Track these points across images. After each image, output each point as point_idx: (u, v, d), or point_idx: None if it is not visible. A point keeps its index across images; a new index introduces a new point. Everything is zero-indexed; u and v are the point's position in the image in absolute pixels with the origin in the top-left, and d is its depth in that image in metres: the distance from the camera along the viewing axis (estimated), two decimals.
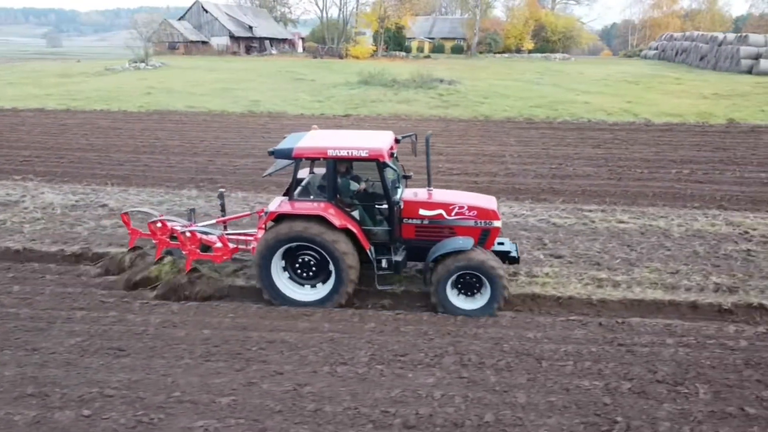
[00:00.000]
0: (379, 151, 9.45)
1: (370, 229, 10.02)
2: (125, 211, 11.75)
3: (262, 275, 9.94)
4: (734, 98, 34.16)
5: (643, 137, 24.19)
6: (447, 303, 9.72)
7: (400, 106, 30.55)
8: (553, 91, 36.99)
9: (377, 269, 9.90)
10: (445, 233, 10.06)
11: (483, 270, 9.50)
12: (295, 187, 10.00)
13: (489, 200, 10.65)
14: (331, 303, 9.91)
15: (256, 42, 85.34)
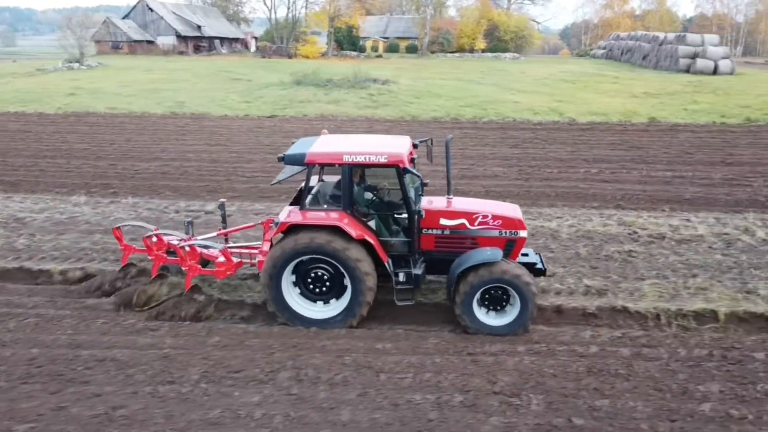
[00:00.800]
0: (399, 157, 8.84)
1: (387, 241, 9.34)
2: (117, 226, 10.91)
3: (271, 291, 9.16)
4: (662, 97, 34.62)
5: (563, 136, 24.20)
6: (474, 320, 9.04)
7: (329, 106, 30.11)
8: (488, 91, 36.98)
9: (396, 283, 9.20)
10: (467, 244, 9.40)
11: (513, 283, 8.83)
12: (306, 196, 9.21)
13: (513, 209, 9.99)
14: (347, 320, 9.21)
15: (206, 41, 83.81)
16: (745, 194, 16.70)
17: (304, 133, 24.14)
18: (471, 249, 9.31)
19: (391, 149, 9.07)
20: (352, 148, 9.08)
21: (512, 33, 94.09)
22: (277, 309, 9.26)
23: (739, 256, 12.27)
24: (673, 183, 17.84)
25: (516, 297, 8.95)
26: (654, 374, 8.12)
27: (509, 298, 9.06)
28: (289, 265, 9.04)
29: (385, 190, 9.89)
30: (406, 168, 8.81)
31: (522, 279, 8.84)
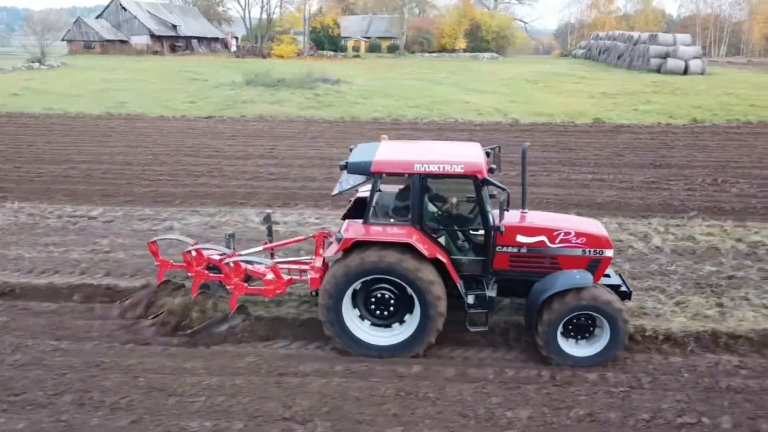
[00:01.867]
0: (477, 167, 7.99)
1: (458, 259, 8.43)
2: (153, 240, 9.89)
3: (331, 316, 8.22)
4: (620, 97, 34.12)
5: (499, 137, 23.50)
6: (557, 350, 8.12)
7: (272, 107, 29.52)
8: (445, 91, 36.42)
9: (468, 307, 8.33)
10: (545, 264, 8.49)
11: (605, 311, 7.93)
12: (370, 209, 8.28)
13: (597, 225, 9.13)
14: (414, 347, 8.29)
15: (182, 41, 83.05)
16: (660, 198, 16.14)
17: (233, 134, 23.64)
18: (550, 269, 8.43)
19: (467, 158, 8.21)
20: (423, 157, 8.20)
21: (494, 33, 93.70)
22: (337, 334, 8.35)
23: (622, 264, 11.66)
24: (591, 186, 17.27)
25: (605, 325, 8.04)
26: (465, 398, 7.49)
27: (595, 325, 8.19)
28: (352, 286, 8.18)
29: (453, 202, 8.85)
30: (485, 179, 7.95)
31: (614, 306, 7.94)
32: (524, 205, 8.89)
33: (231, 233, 10.33)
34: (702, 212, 15.01)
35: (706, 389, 7.71)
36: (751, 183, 17.47)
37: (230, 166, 19.06)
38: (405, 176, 8.24)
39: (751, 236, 13.20)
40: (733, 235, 13.33)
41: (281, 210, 14.98)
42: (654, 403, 7.39)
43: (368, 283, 8.26)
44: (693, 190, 17.00)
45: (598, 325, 8.16)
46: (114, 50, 74.17)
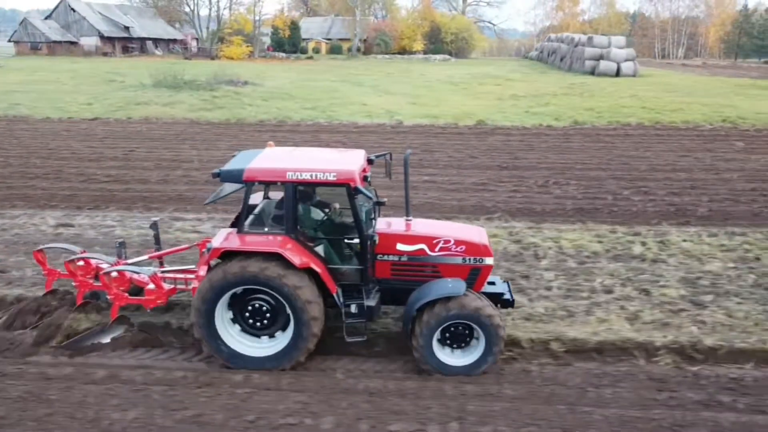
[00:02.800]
0: (349, 174, 7.84)
1: (337, 268, 8.32)
2: (39, 248, 9.65)
3: (202, 325, 8.00)
4: (524, 99, 34.36)
5: (370, 138, 23.74)
6: (432, 359, 8.07)
7: (163, 108, 29.42)
8: (356, 93, 36.48)
9: (346, 316, 8.16)
10: (427, 272, 8.41)
11: (477, 319, 7.90)
12: (245, 217, 8.18)
13: (479, 233, 9.05)
14: (288, 361, 8.11)
15: (136, 42, 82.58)
16: (477, 200, 16.24)
17: (106, 136, 23.53)
18: (432, 278, 8.36)
19: (341, 166, 8.08)
20: (296, 165, 8.08)
21: (452, 35, 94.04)
22: (214, 349, 8.14)
23: None
24: (419, 188, 17.32)
25: (480, 334, 8.01)
26: (87, 400, 7.51)
27: (472, 334, 8.15)
28: (223, 297, 7.95)
29: (337, 210, 8.79)
30: (357, 187, 7.80)
31: (485, 314, 7.89)
32: (408, 212, 8.81)
33: (122, 241, 10.24)
34: (510, 214, 15.17)
35: (331, 391, 7.78)
36: (580, 185, 17.65)
37: (72, 169, 18.98)
38: (278, 184, 8.13)
39: (529, 238, 13.36)
40: (515, 237, 13.48)
41: (91, 212, 15.00)
42: (270, 405, 7.45)
43: (243, 293, 8.08)
44: (517, 191, 17.16)
45: (475, 335, 8.14)
46: (62, 51, 73.63)
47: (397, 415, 7.33)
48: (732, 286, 11.04)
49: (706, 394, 7.83)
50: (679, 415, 7.37)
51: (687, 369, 8.52)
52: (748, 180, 18.09)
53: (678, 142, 23.34)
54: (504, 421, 7.21)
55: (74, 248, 9.83)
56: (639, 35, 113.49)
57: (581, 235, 13.53)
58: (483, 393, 7.79)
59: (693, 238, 13.41)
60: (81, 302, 9.18)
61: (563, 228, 14.20)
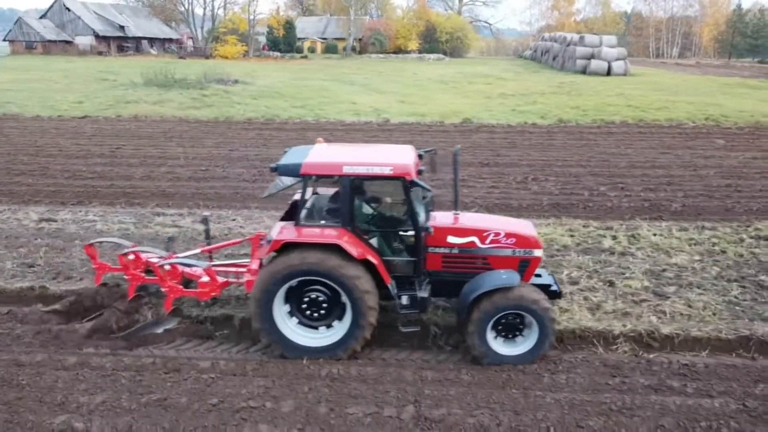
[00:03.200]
0: (405, 168, 8.00)
1: (390, 260, 8.45)
2: (91, 242, 9.85)
3: (262, 316, 8.20)
4: (513, 98, 34.64)
5: (356, 136, 24.01)
6: (487, 350, 8.26)
7: (152, 107, 29.67)
8: (346, 92, 36.74)
9: (400, 307, 8.38)
10: (477, 264, 8.62)
11: (532, 310, 8.09)
12: (301, 211, 8.36)
13: (527, 225, 9.25)
14: (344, 350, 8.31)
15: (131, 42, 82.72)
16: (451, 197, 16.37)
17: (94, 134, 23.77)
18: (482, 269, 8.57)
19: (396, 160, 8.24)
20: (352, 159, 8.29)
21: (447, 35, 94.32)
22: (272, 339, 8.36)
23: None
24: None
25: (533, 324, 8.21)
26: (57, 385, 7.75)
27: (524, 324, 8.34)
28: (282, 288, 8.13)
29: (387, 204, 8.98)
30: (413, 180, 7.97)
31: (540, 305, 8.11)
32: (456, 206, 9.03)
33: (171, 236, 10.46)
34: (487, 209, 15.41)
35: (294, 376, 8.04)
36: (559, 181, 17.92)
37: (59, 165, 19.22)
38: (335, 178, 8.31)
39: None
40: None
41: (74, 208, 15.26)
42: (233, 389, 7.71)
43: (299, 284, 8.24)
44: (496, 187, 17.43)
45: (527, 325, 8.32)
46: (57, 51, 73.77)
47: (356, 398, 7.59)
48: (695, 277, 11.30)
49: (657, 380, 8.10)
50: (628, 398, 7.64)
51: (642, 356, 8.80)
52: (724, 176, 18.37)
53: (660, 139, 23.63)
54: (458, 405, 7.48)
55: (125, 242, 10.18)
56: (634, 34, 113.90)
57: (554, 229, 13.81)
58: (441, 378, 8.05)
59: (663, 233, 13.67)
60: (133, 296, 9.44)
61: (538, 222, 14.39)
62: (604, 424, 7.17)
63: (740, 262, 12.04)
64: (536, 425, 7.15)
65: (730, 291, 10.71)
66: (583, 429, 7.11)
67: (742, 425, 7.19)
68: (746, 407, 7.50)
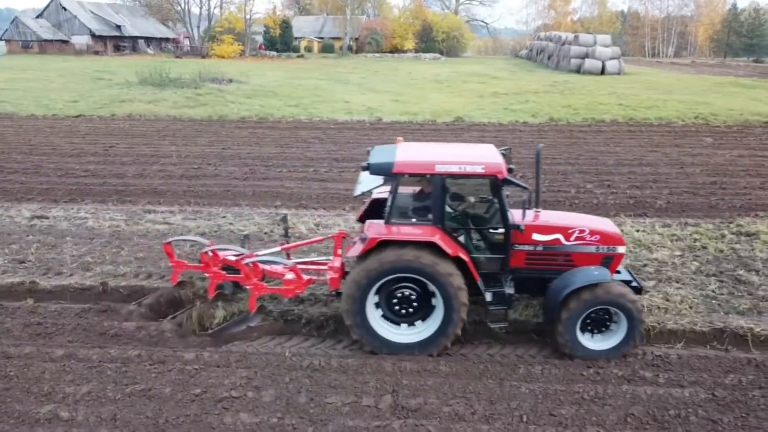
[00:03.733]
0: (497, 167, 8.14)
1: (477, 258, 8.57)
2: (168, 240, 9.89)
3: (355, 312, 8.32)
4: (505, 97, 34.82)
5: (348, 135, 24.22)
6: (576, 344, 8.43)
7: (146, 106, 29.81)
8: (340, 91, 36.91)
9: (488, 304, 8.52)
10: (560, 261, 8.77)
11: (621, 304, 8.25)
12: (391, 209, 8.39)
13: (609, 223, 9.42)
14: (436, 346, 8.47)
15: (128, 41, 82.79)
16: None
17: (88, 133, 23.94)
18: (564, 266, 8.74)
19: (487, 159, 8.36)
20: (444, 158, 8.36)
21: (444, 34, 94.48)
22: (363, 336, 8.48)
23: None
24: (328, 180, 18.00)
25: (622, 319, 8.37)
26: (45, 376, 7.97)
27: (612, 319, 8.50)
28: (374, 287, 8.26)
29: (470, 202, 9.07)
30: (507, 179, 8.12)
31: (632, 301, 8.29)
32: (537, 203, 9.11)
33: (246, 234, 10.59)
34: None
35: (276, 368, 8.24)
36: (546, 179, 17.98)
37: (52, 164, 19.38)
38: (426, 177, 8.38)
39: None
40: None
41: (66, 205, 15.44)
42: (216, 380, 7.91)
43: (390, 282, 8.36)
44: None
45: (615, 320, 8.48)
46: (53, 50, 73.81)
47: (335, 389, 7.81)
48: (675, 272, 11.52)
49: (631, 370, 8.31)
50: (601, 388, 7.86)
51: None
52: (710, 174, 18.58)
53: (649, 138, 23.84)
54: (435, 394, 7.69)
55: (204, 241, 10.24)
56: (630, 34, 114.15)
57: None
58: (419, 369, 8.25)
59: (647, 229, 13.89)
60: (214, 293, 9.51)
61: None
62: (575, 413, 7.40)
63: (720, 258, 12.27)
64: (510, 414, 7.38)
65: (708, 285, 10.94)
66: (556, 417, 7.34)
67: (710, 413, 7.42)
68: (715, 396, 7.74)
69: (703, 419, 7.32)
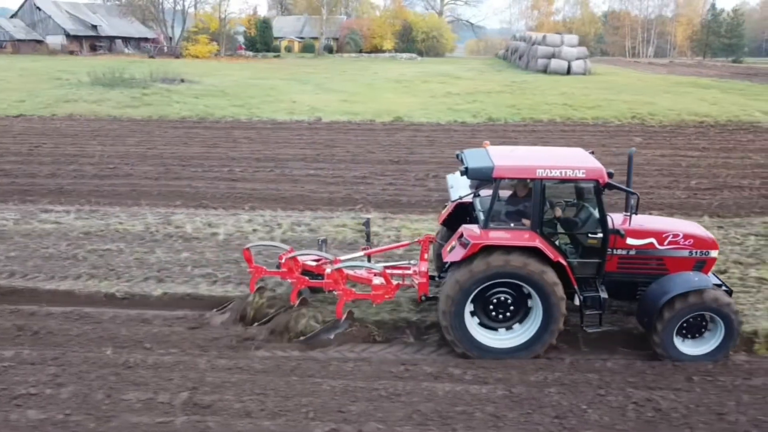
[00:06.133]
0: (598, 172, 8.14)
1: (572, 262, 8.51)
2: (247, 246, 9.95)
3: (453, 315, 8.30)
4: (456, 97, 34.89)
5: (280, 135, 24.34)
6: (673, 349, 8.45)
7: (90, 106, 29.80)
8: (296, 91, 36.94)
9: (585, 308, 8.49)
10: (652, 265, 8.81)
11: (723, 312, 8.26)
12: (490, 214, 8.37)
13: (699, 227, 9.44)
14: (529, 353, 8.50)
15: (104, 41, 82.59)
16: (343, 194, 16.73)
17: (20, 132, 23.97)
18: (656, 270, 8.79)
19: (587, 163, 8.37)
20: (545, 162, 8.31)
21: (423, 34, 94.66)
22: (458, 338, 8.47)
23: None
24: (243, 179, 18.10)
25: (719, 325, 8.38)
26: None
27: (708, 325, 8.51)
28: (474, 291, 8.27)
29: (563, 206, 9.08)
30: (609, 183, 8.15)
31: (732, 308, 8.30)
32: (627, 208, 9.03)
33: (324, 239, 10.57)
34: (377, 205, 15.78)
35: (93, 365, 8.31)
36: None
37: None
38: (527, 181, 8.42)
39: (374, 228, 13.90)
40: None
41: None
42: (22, 377, 7.98)
43: (485, 289, 8.37)
44: (393, 184, 17.73)
45: (710, 325, 8.51)
46: (27, 50, 73.46)
47: (138, 386, 7.89)
48: None
49: (441, 368, 8.41)
50: (401, 384, 7.96)
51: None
52: (624, 173, 18.67)
53: (579, 137, 23.97)
54: (234, 391, 7.78)
55: (283, 246, 10.20)
56: (610, 34, 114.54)
57: (424, 225, 14.09)
58: (231, 366, 8.36)
59: None
60: (296, 300, 9.43)
61: (414, 218, 14.80)
62: (364, 409, 7.48)
63: None
64: (298, 410, 7.45)
65: None
66: (343, 413, 7.41)
67: (499, 410, 7.51)
68: (511, 393, 7.83)
69: (488, 415, 7.40)
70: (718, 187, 17.63)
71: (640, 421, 7.36)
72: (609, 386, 8.00)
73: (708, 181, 18.23)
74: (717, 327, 8.47)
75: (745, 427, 7.27)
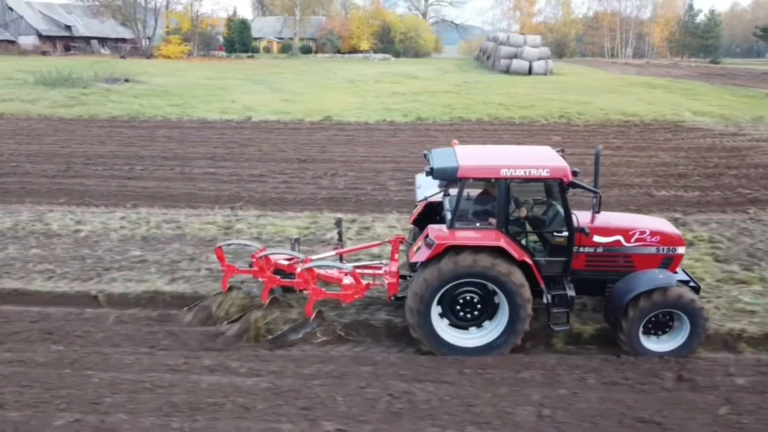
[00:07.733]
0: (563, 170, 8.16)
1: (538, 261, 8.54)
2: (219, 245, 9.91)
3: (420, 313, 8.33)
4: (397, 96, 35.07)
5: (202, 134, 24.47)
6: (639, 347, 8.52)
7: (23, 105, 29.82)
8: (242, 91, 37.07)
9: (551, 307, 8.57)
10: (619, 262, 8.86)
11: (688, 308, 8.33)
12: (456, 214, 8.38)
13: (666, 223, 9.47)
14: (501, 348, 8.53)
15: (79, 41, 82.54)
16: (230, 192, 16.85)
17: None
18: (624, 267, 8.84)
19: (551, 162, 8.38)
20: (508, 161, 8.35)
21: (401, 35, 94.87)
22: (424, 336, 8.51)
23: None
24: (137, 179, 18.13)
25: (685, 321, 8.46)
26: None
27: (673, 322, 8.59)
28: (442, 290, 8.31)
29: (529, 205, 9.13)
30: (573, 182, 8.16)
31: (696, 304, 8.36)
32: (599, 207, 9.05)
33: (296, 238, 10.55)
34: (261, 203, 15.92)
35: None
36: (354, 177, 18.38)
37: None
38: (491, 180, 8.45)
39: (238, 225, 14.05)
40: (229, 224, 14.18)
41: None
42: None
43: (453, 286, 8.40)
44: (286, 182, 17.89)
45: (676, 323, 8.58)
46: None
47: None
48: None
49: (221, 362, 8.52)
50: (179, 377, 8.08)
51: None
52: None
53: (499, 136, 24.16)
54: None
55: (255, 245, 10.20)
56: (590, 35, 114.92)
57: (289, 222, 14.23)
58: (12, 360, 8.47)
59: None
60: (266, 299, 9.43)
61: (290, 215, 14.94)
62: (119, 401, 7.60)
63: None
64: (52, 401, 7.56)
65: None
66: (96, 404, 7.52)
67: (252, 400, 7.61)
68: (275, 386, 7.94)
69: (237, 406, 7.52)
70: (609, 185, 17.77)
71: (386, 412, 7.48)
72: (376, 379, 8.13)
73: (603, 180, 18.34)
74: (682, 324, 8.54)
75: (488, 418, 7.41)
